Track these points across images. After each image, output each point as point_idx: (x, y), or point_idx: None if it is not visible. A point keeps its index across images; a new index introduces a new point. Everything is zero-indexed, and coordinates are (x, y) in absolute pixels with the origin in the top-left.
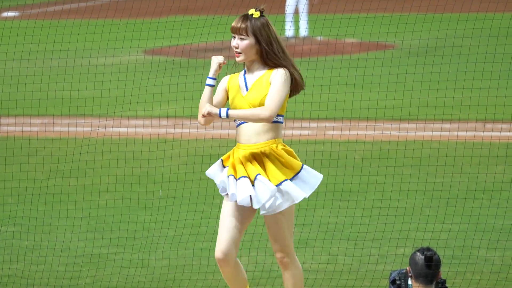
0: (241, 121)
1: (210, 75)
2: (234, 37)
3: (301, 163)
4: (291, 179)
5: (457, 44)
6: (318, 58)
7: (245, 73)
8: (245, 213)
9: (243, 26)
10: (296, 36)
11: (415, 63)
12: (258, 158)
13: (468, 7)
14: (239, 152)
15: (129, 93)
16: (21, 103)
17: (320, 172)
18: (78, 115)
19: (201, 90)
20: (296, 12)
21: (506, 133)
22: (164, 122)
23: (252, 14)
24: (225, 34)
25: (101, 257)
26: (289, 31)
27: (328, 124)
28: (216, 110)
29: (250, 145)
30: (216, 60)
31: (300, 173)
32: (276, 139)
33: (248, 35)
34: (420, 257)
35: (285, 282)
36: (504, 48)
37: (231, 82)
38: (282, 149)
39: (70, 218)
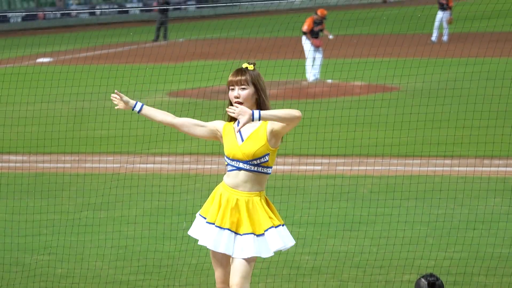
0: (235, 167)
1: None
2: (233, 89)
3: (282, 221)
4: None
5: (457, 86)
6: (330, 99)
7: (238, 123)
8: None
9: (243, 77)
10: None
11: (418, 104)
12: (248, 206)
13: (467, 53)
14: (230, 197)
15: (154, 132)
16: (55, 141)
17: (332, 205)
18: (108, 152)
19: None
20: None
21: (503, 168)
22: (187, 158)
23: (247, 67)
24: None
25: (129, 284)
26: (309, 74)
27: (339, 160)
28: (249, 110)
29: (242, 193)
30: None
31: (280, 227)
32: (260, 192)
33: (248, 85)
34: (424, 282)
35: None
36: (500, 90)
37: (226, 128)
38: (266, 200)
39: (100, 247)
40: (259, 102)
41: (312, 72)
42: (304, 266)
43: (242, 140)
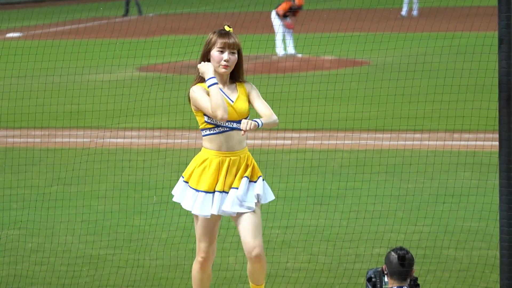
0: (228, 128)
1: (211, 75)
2: (222, 51)
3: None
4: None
5: (427, 60)
6: (300, 74)
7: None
8: (216, 222)
9: (236, 41)
10: (273, 53)
11: (388, 78)
12: (243, 163)
13: (437, 27)
14: (225, 160)
15: (124, 106)
16: (24, 116)
17: (301, 179)
18: (77, 127)
19: None
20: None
21: (473, 142)
22: (156, 133)
23: (230, 31)
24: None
25: (100, 258)
26: (279, 49)
27: (309, 134)
28: (254, 123)
29: (234, 152)
30: (210, 64)
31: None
32: (246, 147)
33: (236, 50)
34: (394, 256)
35: (255, 272)
36: (470, 64)
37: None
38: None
39: (70, 222)
40: (237, 68)
41: (282, 47)
42: (274, 240)
43: (232, 101)
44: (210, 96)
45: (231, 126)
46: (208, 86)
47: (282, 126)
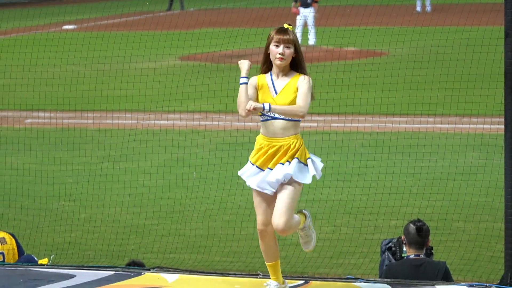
0: (270, 117)
1: (243, 74)
2: (278, 46)
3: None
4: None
5: (439, 52)
6: (325, 63)
7: (271, 76)
8: (268, 199)
9: (291, 37)
10: (305, 45)
11: (405, 67)
12: (283, 149)
13: (449, 22)
14: (266, 144)
15: (167, 92)
16: (78, 100)
17: (326, 158)
18: (126, 110)
19: (228, 89)
20: (305, 25)
21: (480, 126)
22: (196, 116)
23: (288, 28)
24: (248, 43)
25: (145, 228)
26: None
27: (333, 118)
28: (260, 105)
29: (277, 139)
30: (247, 62)
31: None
32: (296, 135)
33: (291, 45)
34: (412, 227)
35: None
36: (479, 55)
37: (260, 81)
38: (302, 144)
39: (119, 195)
40: (296, 62)
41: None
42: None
43: (276, 93)
44: (238, 92)
45: (272, 115)
46: (240, 83)
47: (309, 110)
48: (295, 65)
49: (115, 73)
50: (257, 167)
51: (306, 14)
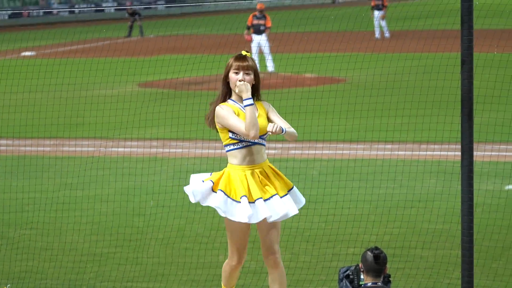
0: (251, 142)
1: (250, 96)
2: (237, 73)
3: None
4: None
5: (397, 79)
6: (283, 90)
7: (236, 103)
8: (248, 228)
9: (250, 63)
10: (264, 71)
11: (362, 94)
12: (270, 173)
13: (406, 48)
14: (250, 173)
15: (125, 119)
16: (36, 127)
17: None
18: (83, 137)
19: (185, 117)
20: (261, 52)
21: (438, 152)
22: (154, 143)
23: (246, 55)
24: (206, 71)
25: (103, 256)
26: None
27: (291, 145)
28: (280, 127)
29: (258, 165)
30: (248, 85)
31: (293, 189)
32: (267, 159)
33: (251, 71)
34: (370, 255)
35: (275, 282)
36: (436, 82)
37: (234, 108)
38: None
39: (76, 223)
40: (255, 88)
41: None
42: (258, 241)
43: None
44: (246, 115)
45: (253, 140)
46: (245, 106)
47: (269, 138)
48: (254, 92)
49: (73, 100)
50: (246, 199)
51: (259, 40)
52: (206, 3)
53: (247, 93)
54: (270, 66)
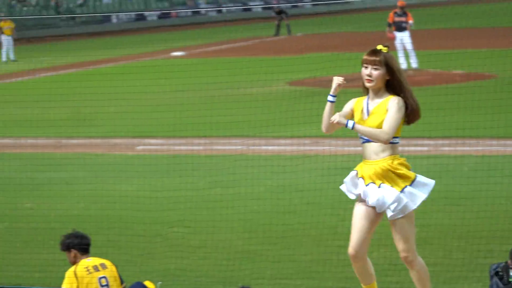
0: (364, 140)
1: (331, 93)
2: (366, 67)
3: (415, 173)
4: (410, 185)
5: None
6: (432, 87)
7: (368, 98)
8: (373, 217)
9: (377, 58)
10: (410, 68)
11: None
12: (378, 172)
13: None
14: (364, 167)
15: (276, 116)
16: (188, 126)
17: (438, 182)
18: (235, 136)
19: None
20: (404, 49)
21: None
22: (306, 141)
23: (381, 49)
24: (354, 68)
25: (256, 253)
26: (403, 64)
27: (442, 142)
28: (344, 121)
29: (371, 162)
30: (337, 80)
31: (415, 181)
32: (392, 155)
33: (381, 66)
34: None
35: (413, 278)
36: None
37: (357, 104)
38: (398, 163)
39: (229, 221)
40: (391, 83)
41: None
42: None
43: (368, 115)
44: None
45: (364, 138)
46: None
47: (421, 134)
48: (392, 88)
49: (222, 99)
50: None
51: (402, 37)
52: (352, 0)
53: (332, 90)
54: (414, 62)
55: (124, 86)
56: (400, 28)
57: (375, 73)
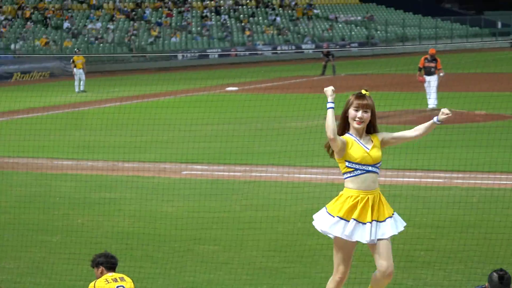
0: (361, 172)
1: (330, 100)
2: (357, 110)
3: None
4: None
5: None
6: (454, 125)
7: (355, 137)
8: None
9: (369, 102)
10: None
11: None
12: (376, 199)
13: None
14: (364, 198)
15: (310, 148)
16: (231, 155)
17: (447, 211)
18: (273, 164)
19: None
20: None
21: None
22: (333, 170)
23: (367, 94)
24: (391, 107)
25: (276, 270)
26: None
27: (456, 175)
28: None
29: (372, 191)
30: (330, 89)
31: (394, 216)
32: (378, 187)
33: (369, 109)
34: (495, 275)
35: (381, 285)
36: None
37: (349, 141)
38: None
39: (255, 240)
40: (371, 125)
41: (429, 102)
42: (417, 260)
43: (368, 149)
44: (327, 116)
45: (367, 169)
46: (327, 108)
47: (437, 168)
48: (370, 127)
49: (265, 132)
50: (355, 220)
51: (430, 81)
52: (395, 46)
53: (330, 97)
54: (433, 103)
55: (178, 118)
56: (429, 72)
57: (366, 115)
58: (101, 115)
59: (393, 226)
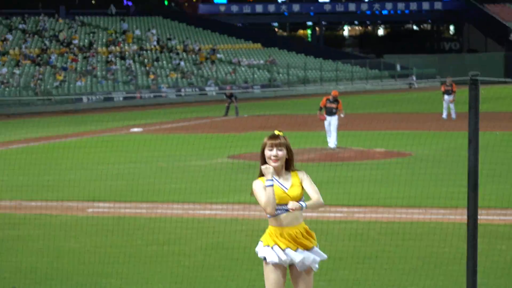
0: (281, 212)
1: (270, 177)
2: (271, 149)
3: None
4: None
5: (456, 153)
6: (355, 162)
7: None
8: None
9: (283, 141)
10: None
11: (425, 166)
12: (303, 233)
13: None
14: (285, 233)
15: (215, 185)
16: (135, 193)
17: (347, 243)
18: (174, 201)
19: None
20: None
21: (490, 217)
22: (236, 206)
23: (279, 134)
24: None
25: None
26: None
27: (356, 209)
28: (298, 205)
29: (293, 227)
30: (271, 167)
31: (315, 248)
32: (303, 222)
33: (283, 147)
34: None
35: None
36: (489, 157)
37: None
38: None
39: (162, 273)
40: (288, 161)
41: (329, 141)
42: None
43: (286, 189)
44: (266, 193)
45: (286, 208)
46: (266, 186)
47: (339, 203)
48: (287, 165)
49: (170, 170)
50: (281, 249)
51: (331, 120)
52: (296, 87)
53: (268, 176)
54: (333, 142)
55: (84, 158)
56: (331, 113)
57: (281, 153)
58: (8, 156)
59: (310, 258)
